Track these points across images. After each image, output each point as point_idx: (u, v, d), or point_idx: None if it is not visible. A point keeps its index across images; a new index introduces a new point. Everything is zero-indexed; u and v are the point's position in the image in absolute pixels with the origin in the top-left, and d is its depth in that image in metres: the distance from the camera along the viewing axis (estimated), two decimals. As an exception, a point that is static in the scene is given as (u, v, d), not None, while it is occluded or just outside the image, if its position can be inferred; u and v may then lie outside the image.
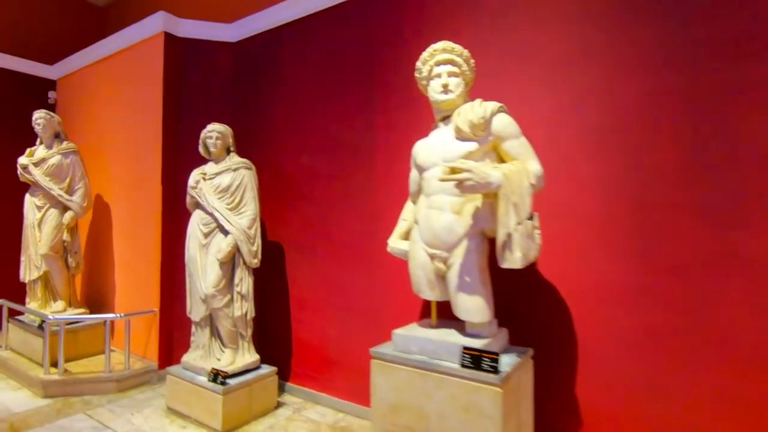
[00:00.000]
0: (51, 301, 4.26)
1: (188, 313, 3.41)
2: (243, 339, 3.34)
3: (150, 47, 4.16)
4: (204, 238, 3.30)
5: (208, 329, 3.32)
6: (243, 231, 3.23)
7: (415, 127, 3.09)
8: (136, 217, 4.29)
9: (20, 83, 5.26)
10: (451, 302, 2.17)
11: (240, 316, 3.26)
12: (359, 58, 3.42)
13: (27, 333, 4.10)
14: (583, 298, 2.44)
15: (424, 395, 2.07)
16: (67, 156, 4.24)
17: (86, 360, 4.12)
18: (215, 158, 3.44)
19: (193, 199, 3.38)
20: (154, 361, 4.05)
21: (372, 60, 3.35)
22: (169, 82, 4.10)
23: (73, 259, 4.28)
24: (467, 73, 2.26)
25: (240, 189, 3.32)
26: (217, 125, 3.38)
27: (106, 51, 4.68)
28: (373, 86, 3.33)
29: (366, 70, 3.38)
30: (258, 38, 4.09)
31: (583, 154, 2.47)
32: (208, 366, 3.19)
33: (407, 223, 2.53)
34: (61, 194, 4.15)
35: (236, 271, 3.28)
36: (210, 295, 3.17)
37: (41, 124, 4.18)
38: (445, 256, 2.14)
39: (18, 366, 3.92)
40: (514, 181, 1.92)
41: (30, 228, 4.19)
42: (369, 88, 3.35)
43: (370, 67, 3.36)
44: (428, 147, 2.27)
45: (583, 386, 2.41)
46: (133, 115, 4.36)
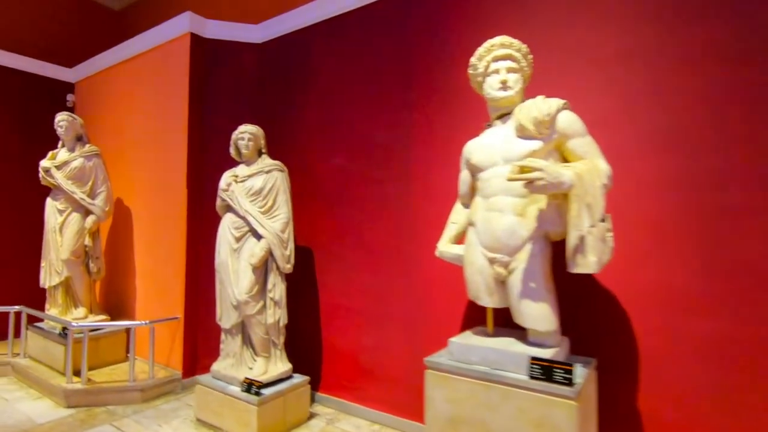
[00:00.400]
0: (72, 307, 4.15)
1: (218, 320, 3.30)
2: (275, 347, 3.22)
3: (176, 48, 4.08)
4: (236, 242, 3.20)
5: (239, 337, 3.21)
6: (276, 235, 3.12)
7: (456, 127, 3.00)
8: (160, 222, 4.19)
9: (38, 86, 5.20)
10: (512, 309, 2.05)
11: (273, 324, 3.15)
12: (394, 57, 3.33)
13: (47, 340, 3.99)
14: (643, 304, 2.32)
15: (487, 409, 1.95)
16: (90, 159, 4.16)
17: (108, 368, 4.00)
18: (246, 160, 3.34)
19: (224, 202, 3.28)
20: (178, 369, 3.93)
21: (409, 59, 3.26)
22: (195, 83, 4.01)
23: (95, 265, 4.18)
24: (526, 69, 2.17)
25: (273, 192, 3.22)
26: (249, 126, 3.29)
27: (128, 53, 4.61)
28: (410, 86, 3.24)
29: (402, 70, 3.29)
30: (285, 39, 4.01)
31: (640, 155, 2.36)
32: (240, 375, 3.07)
33: (457, 226, 2.43)
34: (83, 198, 4.06)
35: (269, 277, 3.17)
36: (243, 301, 3.06)
37: (64, 127, 4.10)
38: (507, 261, 2.03)
39: (39, 374, 3.80)
40: (587, 181, 1.81)
41: (51, 232, 4.10)
42: (406, 87, 3.26)
43: (406, 67, 3.27)
44: (485, 146, 2.17)
45: (646, 397, 2.29)
46: (157, 117, 4.28)
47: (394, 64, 3.33)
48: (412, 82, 3.23)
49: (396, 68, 3.33)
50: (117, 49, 4.73)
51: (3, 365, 4.17)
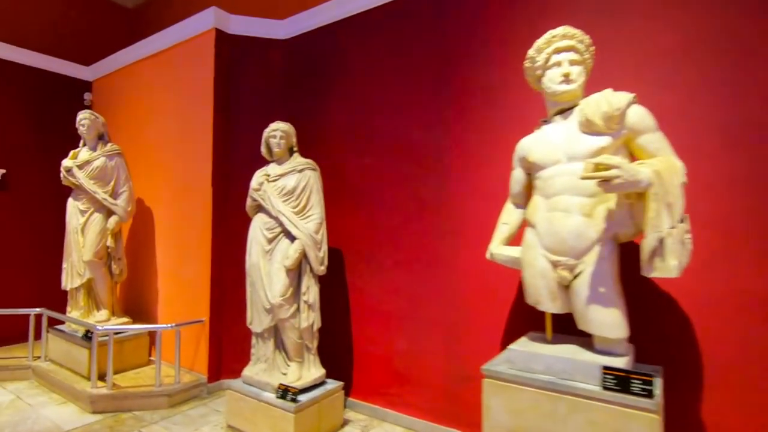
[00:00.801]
0: (94, 310, 4.06)
1: (248, 324, 3.20)
2: (309, 352, 3.12)
3: (200, 44, 3.98)
4: (267, 243, 3.09)
5: (271, 341, 3.11)
6: (310, 236, 3.02)
7: (497, 125, 2.89)
8: (184, 222, 4.09)
9: (56, 84, 5.11)
10: (577, 315, 1.94)
11: (307, 327, 3.04)
12: (429, 52, 3.22)
13: (70, 344, 3.90)
14: (709, 309, 2.20)
15: (553, 420, 1.84)
16: (112, 158, 4.06)
17: (132, 372, 3.91)
18: (278, 159, 3.24)
19: (255, 202, 3.18)
20: (203, 373, 3.83)
21: (444, 55, 3.15)
22: (220, 80, 3.92)
23: (117, 266, 4.09)
24: (588, 62, 2.06)
25: (306, 191, 3.11)
26: (281, 124, 3.19)
27: (148, 50, 4.51)
28: (446, 83, 3.13)
29: (437, 66, 3.18)
30: (312, 35, 3.91)
31: (706, 152, 2.24)
32: (274, 381, 2.97)
33: (509, 227, 2.32)
34: (105, 198, 3.97)
35: (303, 279, 3.07)
36: (277, 304, 2.95)
37: (86, 125, 4.01)
38: (572, 264, 1.92)
39: (62, 379, 3.72)
40: (666, 179, 1.70)
41: (73, 233, 4.01)
42: (441, 84, 3.15)
43: (442, 63, 3.16)
44: (545, 143, 2.06)
45: (713, 408, 2.17)
46: (180, 115, 4.18)
47: (429, 60, 3.22)
48: (449, 79, 3.12)
49: (431, 64, 3.22)
50: (137, 47, 4.63)
51: (23, 369, 4.09)
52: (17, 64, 4.79)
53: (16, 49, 4.76)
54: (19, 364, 4.10)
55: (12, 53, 4.73)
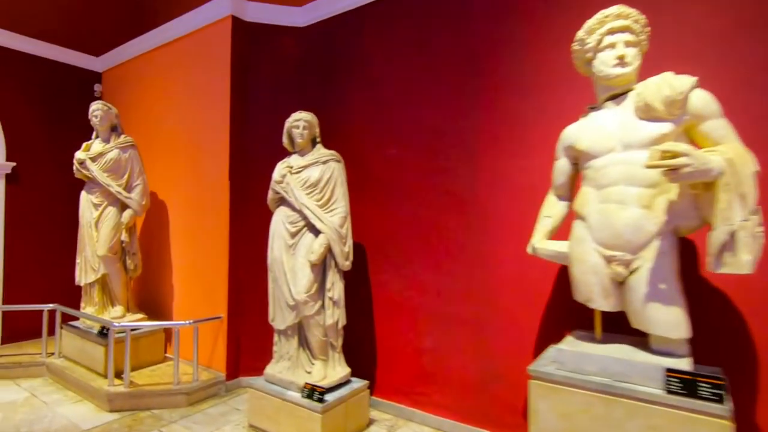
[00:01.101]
0: (109, 305, 3.97)
1: (270, 320, 3.10)
2: (334, 350, 3.01)
3: (216, 32, 3.86)
4: (290, 238, 2.99)
5: (295, 339, 3.00)
6: (335, 230, 2.91)
7: (529, 114, 2.76)
8: (200, 216, 3.99)
9: (65, 75, 4.99)
10: (633, 313, 1.82)
11: (332, 325, 2.94)
12: (457, 39, 3.09)
13: (84, 340, 3.82)
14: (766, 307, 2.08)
15: (607, 425, 1.73)
16: (125, 150, 3.95)
17: (148, 370, 3.82)
18: (300, 150, 3.12)
19: (278, 195, 3.06)
20: (221, 371, 3.74)
21: (473, 41, 3.01)
22: (237, 69, 3.80)
23: (132, 261, 3.99)
24: (644, 44, 1.93)
25: (330, 183, 3.00)
26: (304, 113, 3.07)
27: (161, 39, 4.39)
28: (475, 71, 2.99)
29: (466, 53, 3.04)
30: (331, 22, 3.77)
31: (760, 142, 2.11)
32: (298, 380, 2.88)
33: (553, 220, 2.20)
34: (119, 191, 3.87)
35: (327, 275, 2.96)
36: (302, 301, 2.85)
37: (98, 116, 3.89)
38: (628, 259, 1.80)
39: (77, 376, 3.63)
40: (739, 168, 1.58)
41: (86, 227, 3.91)
42: (470, 72, 3.02)
43: (470, 49, 3.02)
44: (596, 131, 1.93)
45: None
46: (195, 106, 4.07)
47: (457, 47, 3.09)
48: (478, 67, 2.99)
49: (459, 51, 3.08)
50: (149, 36, 4.51)
51: (37, 365, 4.01)
52: (26, 54, 4.68)
53: (25, 39, 4.64)
54: (32, 360, 4.03)
55: (20, 43, 4.61)
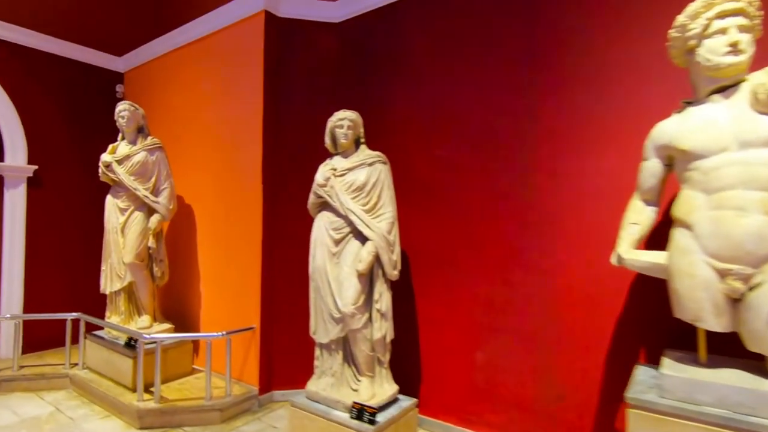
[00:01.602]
0: (135, 315, 3.79)
1: (312, 333, 2.90)
2: (381, 365, 2.81)
3: (248, 28, 3.68)
4: (334, 245, 2.79)
5: (340, 354, 2.80)
6: (383, 236, 2.71)
7: (595, 112, 2.54)
8: (230, 221, 3.81)
9: (86, 76, 4.84)
10: (751, 334, 1.60)
11: (379, 339, 2.73)
12: (512, 29, 2.88)
13: (111, 352, 3.64)
14: None
15: (730, 464, 1.50)
16: (153, 152, 3.79)
17: (176, 383, 3.64)
18: (344, 151, 2.93)
19: (320, 199, 2.87)
20: (253, 385, 3.55)
21: (532, 31, 2.80)
22: (270, 67, 3.62)
23: (159, 268, 3.82)
24: (758, 28, 1.70)
25: (377, 187, 2.80)
26: (349, 112, 2.87)
27: (188, 37, 4.23)
28: (534, 64, 2.78)
29: (523, 45, 2.83)
30: (370, 16, 3.58)
31: None
32: (344, 398, 2.67)
33: (641, 227, 1.98)
34: (146, 195, 3.69)
35: (375, 285, 2.76)
36: (349, 313, 2.65)
37: (125, 117, 3.73)
38: (748, 273, 1.58)
39: (103, 390, 3.45)
40: None
41: (112, 233, 3.74)
42: (528, 66, 2.80)
43: (528, 41, 2.81)
44: (703, 127, 1.71)
45: None
46: (224, 106, 3.89)
47: (512, 38, 2.88)
48: (537, 60, 2.77)
49: (513, 42, 2.87)
50: (174, 34, 4.35)
51: (60, 377, 3.84)
52: (46, 54, 4.52)
53: (45, 38, 4.48)
54: (55, 372, 3.86)
55: (40, 41, 4.45)
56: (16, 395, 3.67)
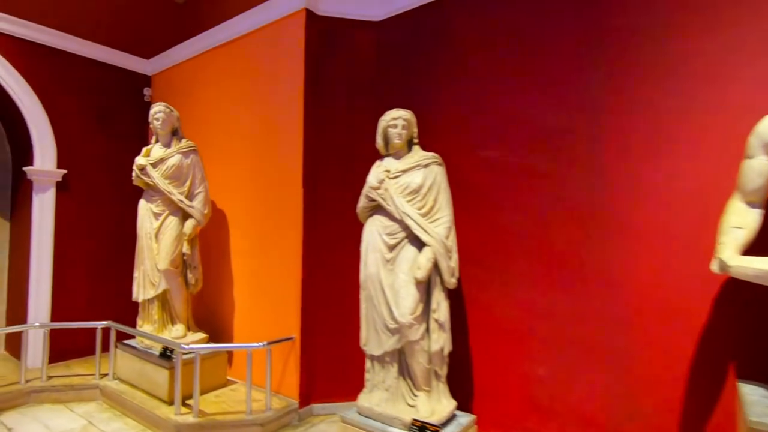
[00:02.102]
0: (169, 324, 3.65)
1: (362, 345, 2.75)
2: (438, 379, 2.64)
3: (287, 27, 3.57)
4: (389, 251, 2.64)
5: (395, 367, 2.64)
6: (441, 242, 2.56)
7: (671, 107, 2.38)
8: (267, 225, 3.67)
9: (115, 79, 4.75)
10: None
11: (437, 351, 2.57)
12: (574, 17, 2.72)
13: (144, 362, 3.50)
14: None
15: None
16: (187, 155, 3.67)
17: (212, 395, 3.48)
18: (396, 152, 2.79)
19: (373, 203, 2.72)
20: (292, 397, 3.38)
21: (596, 18, 2.65)
22: (310, 67, 3.50)
23: (193, 275, 3.68)
24: None
25: (433, 189, 2.66)
26: (403, 111, 2.74)
27: (222, 38, 4.12)
28: (597, 58, 2.63)
29: (584, 39, 2.68)
30: (413, 14, 3.45)
31: None
32: (401, 414, 2.51)
33: (747, 231, 1.81)
34: (181, 199, 3.57)
35: (432, 294, 2.60)
36: (407, 324, 2.49)
37: (160, 119, 3.62)
38: None
39: (137, 402, 3.31)
40: None
41: (146, 239, 3.61)
42: (593, 57, 2.65)
43: (592, 29, 2.65)
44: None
45: None
46: (260, 108, 3.78)
47: (574, 28, 2.72)
48: (605, 52, 2.62)
49: (577, 34, 2.71)
50: (207, 35, 4.25)
51: (90, 388, 3.71)
52: (74, 56, 4.43)
53: (72, 39, 4.37)
54: (85, 383, 3.72)
55: (67, 42, 4.35)
56: (45, 407, 3.54)
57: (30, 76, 4.09)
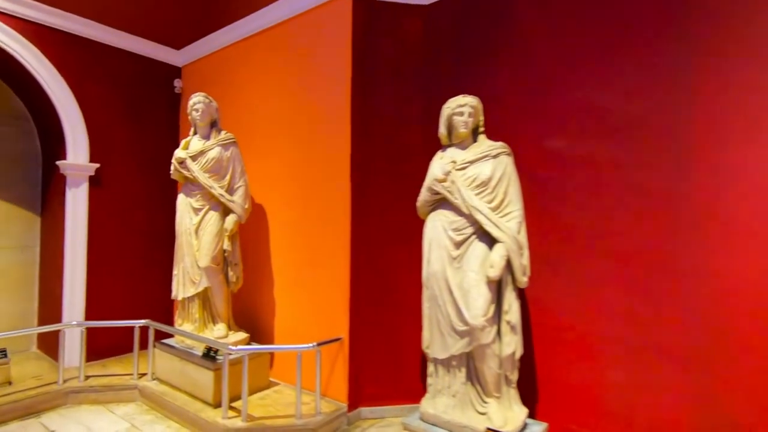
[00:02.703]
0: (210, 323, 3.52)
1: (425, 347, 2.59)
2: (509, 385, 2.47)
3: (332, 12, 3.40)
4: (455, 248, 2.47)
5: (462, 372, 2.47)
6: (514, 238, 2.37)
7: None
8: (310, 221, 3.51)
9: (146, 70, 4.61)
10: None
11: (509, 355, 2.40)
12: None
13: (185, 362, 3.37)
14: None
15: None
16: (227, 148, 3.51)
17: (256, 397, 3.34)
18: (460, 142, 2.61)
19: (437, 196, 2.55)
20: (340, 400, 3.24)
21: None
22: (358, 54, 3.32)
23: (234, 273, 3.53)
24: None
25: (503, 182, 2.47)
26: (469, 98, 2.56)
27: (258, 25, 3.96)
28: (689, 35, 2.42)
29: (670, 12, 2.47)
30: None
31: None
32: (471, 422, 2.36)
33: None
34: (222, 194, 3.42)
35: (504, 294, 2.42)
36: (479, 326, 2.31)
37: (200, 110, 3.46)
38: None
39: (180, 404, 3.19)
40: None
41: (185, 235, 3.48)
42: (679, 36, 2.44)
43: (679, 7, 2.45)
44: None
45: None
46: (303, 98, 3.61)
47: (654, 7, 2.51)
48: (693, 31, 2.40)
49: (656, 13, 2.50)
50: (242, 23, 4.08)
51: (129, 389, 3.59)
52: (107, 46, 4.29)
53: (104, 28, 4.22)
54: (123, 383, 3.61)
55: (100, 33, 4.21)
56: (84, 408, 3.43)
57: (62, 66, 3.96)
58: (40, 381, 3.56)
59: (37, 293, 4.46)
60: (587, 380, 2.67)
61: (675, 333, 2.40)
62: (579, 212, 2.73)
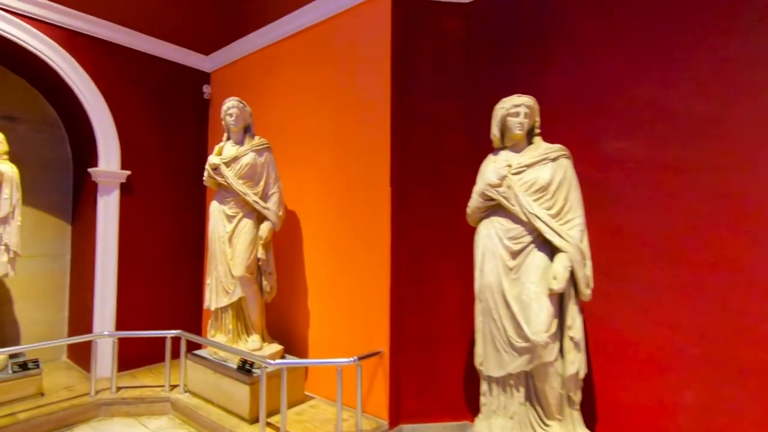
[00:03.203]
0: (244, 334, 3.41)
1: (478, 364, 2.42)
2: (572, 407, 2.28)
3: (370, 12, 3.28)
4: (511, 258, 2.30)
5: (521, 391, 2.30)
6: (577, 247, 2.20)
7: None
8: (347, 229, 3.39)
9: (175, 76, 4.56)
10: None
11: (572, 375, 2.22)
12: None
13: (218, 375, 3.26)
14: None
15: None
16: (261, 154, 3.41)
17: (292, 412, 3.21)
18: (514, 144, 2.45)
19: (490, 202, 2.39)
20: (380, 417, 3.08)
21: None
22: (397, 56, 3.19)
23: (268, 282, 3.43)
24: None
25: (563, 187, 2.30)
26: (525, 98, 2.40)
27: (292, 28, 3.87)
28: (732, 30, 2.23)
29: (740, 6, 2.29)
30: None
31: None
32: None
33: None
34: (257, 201, 3.32)
35: (567, 308, 2.25)
36: (542, 343, 2.14)
37: (234, 115, 3.38)
38: None
39: (215, 419, 3.07)
40: None
41: (219, 243, 3.38)
42: (757, 24, 2.25)
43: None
44: None
45: None
46: (338, 101, 3.50)
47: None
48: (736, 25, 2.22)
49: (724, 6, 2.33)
50: (275, 26, 4.00)
51: (161, 401, 3.50)
52: (137, 52, 4.25)
53: (135, 34, 4.18)
54: (155, 395, 3.51)
55: (131, 39, 4.17)
56: (116, 421, 3.35)
57: (94, 72, 3.93)
58: (71, 392, 3.49)
59: (68, 302, 4.42)
60: (653, 399, 2.46)
61: (755, 350, 2.19)
62: (642, 219, 2.53)
